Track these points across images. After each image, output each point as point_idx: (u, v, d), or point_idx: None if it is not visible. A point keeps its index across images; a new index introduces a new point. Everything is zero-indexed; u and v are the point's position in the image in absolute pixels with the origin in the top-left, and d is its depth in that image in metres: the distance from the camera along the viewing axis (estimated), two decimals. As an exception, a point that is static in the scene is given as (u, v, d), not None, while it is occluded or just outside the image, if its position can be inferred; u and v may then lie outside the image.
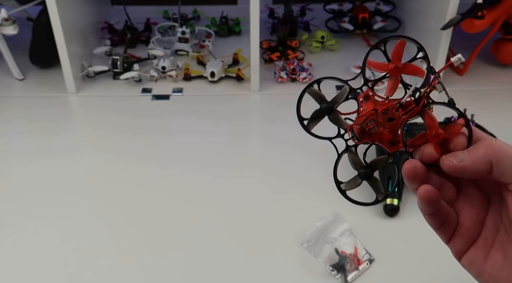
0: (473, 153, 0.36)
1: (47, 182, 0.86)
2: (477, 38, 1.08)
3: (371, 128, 0.38)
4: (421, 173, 0.37)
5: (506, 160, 0.35)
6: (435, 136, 0.37)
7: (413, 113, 0.38)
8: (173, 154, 0.92)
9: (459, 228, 0.39)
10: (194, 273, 0.70)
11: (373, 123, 0.38)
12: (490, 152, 0.35)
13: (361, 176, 0.40)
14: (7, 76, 1.12)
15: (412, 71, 0.39)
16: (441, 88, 0.38)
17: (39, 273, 0.70)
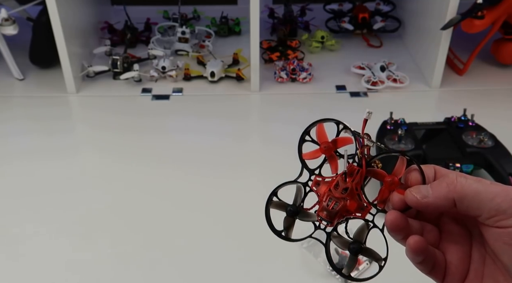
0: (435, 190, 0.36)
1: (47, 182, 0.85)
2: (477, 38, 1.08)
3: (334, 206, 0.40)
4: (403, 222, 0.38)
5: (468, 197, 0.35)
6: (391, 183, 0.39)
7: (362, 174, 0.40)
8: (173, 153, 0.92)
9: (448, 267, 0.39)
10: (193, 272, 0.70)
11: (332, 201, 0.40)
12: (452, 190, 0.35)
13: (353, 252, 0.41)
14: (7, 76, 1.12)
15: (342, 143, 0.41)
16: (372, 143, 0.40)
17: (38, 272, 0.70)
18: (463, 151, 0.81)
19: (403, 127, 0.84)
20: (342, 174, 0.40)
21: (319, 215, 0.41)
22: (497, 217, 0.34)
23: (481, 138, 0.83)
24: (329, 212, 0.40)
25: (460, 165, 0.79)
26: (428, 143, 0.87)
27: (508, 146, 0.82)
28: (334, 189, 0.40)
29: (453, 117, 0.88)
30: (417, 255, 0.38)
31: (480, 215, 0.35)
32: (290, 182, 0.42)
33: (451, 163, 0.78)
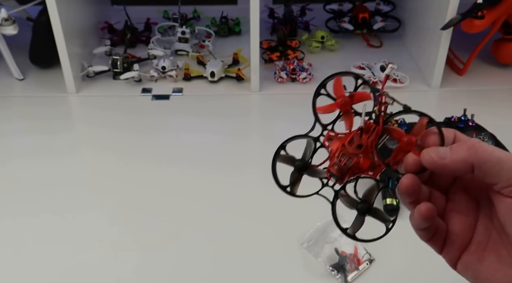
0: (454, 152, 0.35)
1: (46, 181, 0.85)
2: (477, 38, 1.08)
3: (347, 162, 0.38)
4: (417, 186, 0.37)
5: (488, 163, 0.34)
6: (408, 143, 0.38)
7: (378, 132, 0.38)
8: (173, 153, 0.92)
9: (449, 236, 0.39)
10: (193, 271, 0.70)
11: (345, 157, 0.38)
12: (473, 154, 0.34)
13: (361, 212, 0.40)
14: (7, 76, 1.12)
15: (359, 99, 0.40)
16: (391, 100, 0.39)
17: (38, 271, 0.70)
18: (463, 151, 0.81)
19: (403, 127, 0.84)
20: (358, 129, 0.39)
21: (330, 170, 0.39)
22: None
23: (481, 138, 0.83)
24: (340, 168, 0.39)
25: None
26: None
27: (508, 146, 0.82)
28: (348, 144, 0.39)
29: (453, 117, 0.88)
30: (425, 222, 0.38)
31: (497, 183, 0.34)
32: (301, 136, 0.41)
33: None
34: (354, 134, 0.39)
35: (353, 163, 0.38)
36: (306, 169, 0.40)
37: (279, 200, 0.81)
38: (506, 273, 0.36)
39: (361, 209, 0.39)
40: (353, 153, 0.38)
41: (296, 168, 0.40)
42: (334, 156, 0.39)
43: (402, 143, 0.38)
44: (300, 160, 0.40)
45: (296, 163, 0.40)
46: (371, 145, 0.38)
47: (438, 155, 0.36)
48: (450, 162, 0.35)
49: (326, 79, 0.41)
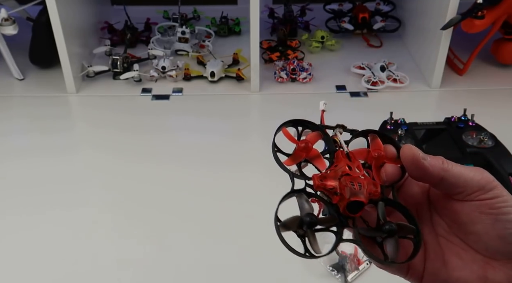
0: (432, 159, 0.39)
1: (46, 181, 0.85)
2: (477, 38, 1.08)
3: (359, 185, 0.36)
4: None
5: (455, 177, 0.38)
6: (378, 157, 0.39)
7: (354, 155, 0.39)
8: (173, 153, 0.92)
9: None
10: (193, 271, 0.70)
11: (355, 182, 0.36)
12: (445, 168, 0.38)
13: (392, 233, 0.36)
14: (7, 76, 1.12)
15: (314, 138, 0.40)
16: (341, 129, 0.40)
17: (38, 270, 0.70)
18: (463, 151, 0.81)
19: (403, 127, 0.84)
20: (345, 155, 0.38)
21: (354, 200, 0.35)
22: (478, 192, 0.38)
23: (481, 138, 0.83)
24: (360, 194, 0.35)
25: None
26: (428, 143, 0.87)
27: (508, 146, 0.82)
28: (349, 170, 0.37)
29: (453, 117, 0.88)
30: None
31: (462, 192, 0.38)
32: (288, 196, 0.37)
33: (451, 163, 0.78)
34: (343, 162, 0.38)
35: (365, 183, 0.36)
36: (317, 223, 0.35)
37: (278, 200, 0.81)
38: (473, 268, 0.38)
39: (391, 229, 0.36)
40: (359, 176, 0.37)
41: (308, 226, 0.35)
42: (344, 189, 0.36)
43: (373, 158, 0.39)
44: (306, 215, 0.35)
45: (305, 221, 0.35)
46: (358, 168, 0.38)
47: (421, 154, 0.39)
48: (428, 166, 0.38)
49: (274, 135, 0.39)
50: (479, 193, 0.38)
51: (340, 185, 0.36)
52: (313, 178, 0.37)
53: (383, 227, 0.36)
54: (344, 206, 0.36)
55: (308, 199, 0.37)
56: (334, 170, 0.37)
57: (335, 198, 0.36)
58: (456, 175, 0.38)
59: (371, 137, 0.40)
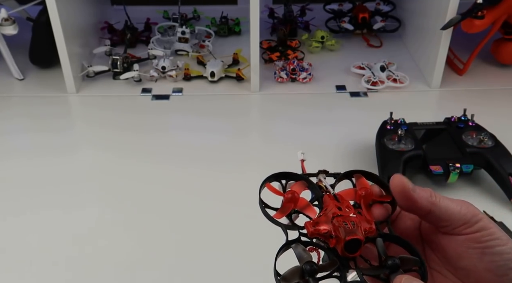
0: (420, 191, 0.38)
1: (46, 181, 0.85)
2: (477, 38, 1.08)
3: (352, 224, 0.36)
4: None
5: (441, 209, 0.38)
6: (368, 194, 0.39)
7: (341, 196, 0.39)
8: (173, 154, 0.92)
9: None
10: (192, 271, 0.70)
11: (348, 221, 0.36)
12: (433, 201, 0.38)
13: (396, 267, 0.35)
14: (7, 76, 1.12)
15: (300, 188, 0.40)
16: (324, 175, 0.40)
17: (39, 266, 0.70)
18: (463, 151, 0.81)
19: (403, 127, 0.84)
20: (332, 197, 0.38)
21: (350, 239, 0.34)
22: (463, 226, 0.38)
23: (481, 138, 0.83)
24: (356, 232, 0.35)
25: (460, 165, 0.79)
26: (428, 143, 0.87)
27: (508, 146, 0.82)
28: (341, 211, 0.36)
29: (453, 117, 0.88)
30: None
31: (448, 226, 0.38)
32: (283, 249, 0.37)
33: (451, 163, 0.78)
34: (332, 204, 0.37)
35: (358, 221, 0.36)
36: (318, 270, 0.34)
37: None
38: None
39: (394, 264, 0.35)
40: (350, 215, 0.37)
41: (310, 274, 0.34)
42: (337, 229, 0.35)
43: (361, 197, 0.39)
44: (306, 264, 0.34)
45: (307, 269, 0.34)
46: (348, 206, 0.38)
47: (410, 185, 0.38)
48: (417, 198, 0.38)
49: (260, 192, 0.40)
50: (464, 227, 0.38)
51: (333, 227, 0.35)
52: (305, 226, 0.37)
53: (386, 263, 0.35)
54: (342, 247, 0.35)
55: (305, 248, 0.36)
56: (325, 214, 0.37)
57: (331, 242, 0.36)
58: (442, 208, 0.38)
59: (356, 177, 0.41)
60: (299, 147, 0.96)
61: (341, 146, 0.90)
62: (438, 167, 0.79)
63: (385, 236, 0.38)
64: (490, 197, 0.80)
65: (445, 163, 0.79)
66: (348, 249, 0.35)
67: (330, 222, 0.36)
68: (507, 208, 0.78)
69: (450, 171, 0.78)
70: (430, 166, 0.79)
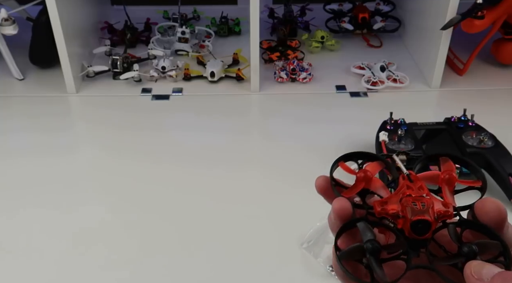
0: None
1: (46, 181, 0.85)
2: (477, 38, 1.08)
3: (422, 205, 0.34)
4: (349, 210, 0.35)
5: None
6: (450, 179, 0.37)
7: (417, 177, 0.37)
8: (173, 153, 0.92)
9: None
10: (192, 271, 0.70)
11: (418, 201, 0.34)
12: None
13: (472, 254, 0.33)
14: (7, 76, 1.12)
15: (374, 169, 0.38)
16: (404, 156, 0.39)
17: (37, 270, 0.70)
18: (463, 151, 0.81)
19: (403, 127, 0.84)
20: (404, 177, 0.36)
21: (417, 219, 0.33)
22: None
23: (481, 138, 0.83)
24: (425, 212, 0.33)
25: (460, 165, 0.78)
26: (428, 143, 0.87)
27: (508, 146, 0.82)
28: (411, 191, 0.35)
29: (453, 117, 0.88)
30: None
31: None
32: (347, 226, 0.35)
33: (451, 163, 0.78)
34: (403, 184, 0.35)
35: (428, 202, 0.34)
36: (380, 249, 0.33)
37: (278, 200, 0.82)
38: None
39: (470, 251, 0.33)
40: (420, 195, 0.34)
41: (373, 253, 0.32)
42: (405, 209, 0.33)
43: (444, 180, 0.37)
44: (369, 242, 0.33)
45: (367, 248, 0.32)
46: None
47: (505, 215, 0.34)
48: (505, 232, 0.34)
49: (331, 170, 0.38)
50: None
51: (401, 208, 0.34)
52: (373, 205, 0.35)
53: (461, 250, 0.33)
54: (408, 228, 0.33)
55: (371, 227, 0.34)
56: (396, 194, 0.35)
57: (399, 222, 0.34)
58: None
59: (442, 161, 0.38)
60: (299, 147, 0.96)
61: (341, 146, 0.90)
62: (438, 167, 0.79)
63: (466, 222, 0.35)
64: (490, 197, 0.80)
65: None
66: (415, 230, 0.33)
67: (399, 202, 0.34)
68: (507, 208, 0.78)
69: (450, 171, 0.78)
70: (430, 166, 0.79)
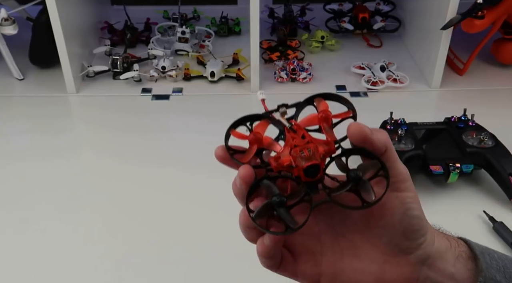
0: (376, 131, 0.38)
1: (46, 181, 0.86)
2: (477, 38, 1.08)
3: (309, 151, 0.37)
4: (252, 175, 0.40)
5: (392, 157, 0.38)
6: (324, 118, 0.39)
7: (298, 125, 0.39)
8: (173, 153, 0.92)
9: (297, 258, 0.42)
10: (192, 272, 0.70)
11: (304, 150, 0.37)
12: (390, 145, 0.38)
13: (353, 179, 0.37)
14: (7, 76, 1.12)
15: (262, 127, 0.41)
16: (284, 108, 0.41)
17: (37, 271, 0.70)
18: (463, 151, 0.81)
19: (403, 127, 0.84)
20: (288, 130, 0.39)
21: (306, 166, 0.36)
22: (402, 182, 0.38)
23: (481, 138, 0.83)
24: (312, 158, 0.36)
25: (460, 165, 0.79)
26: (428, 143, 0.87)
27: (508, 146, 0.82)
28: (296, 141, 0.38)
29: (453, 117, 0.88)
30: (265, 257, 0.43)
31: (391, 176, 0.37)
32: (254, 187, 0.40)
33: (451, 163, 0.78)
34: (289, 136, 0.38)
35: (314, 148, 0.37)
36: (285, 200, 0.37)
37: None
38: (371, 270, 0.39)
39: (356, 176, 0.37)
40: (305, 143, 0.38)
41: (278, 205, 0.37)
42: (296, 158, 0.37)
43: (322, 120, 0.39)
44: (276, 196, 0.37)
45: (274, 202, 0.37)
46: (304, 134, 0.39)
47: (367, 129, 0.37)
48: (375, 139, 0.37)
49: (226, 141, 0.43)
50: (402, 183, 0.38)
51: (293, 158, 0.37)
52: (269, 162, 0.39)
53: (349, 176, 0.37)
54: (302, 174, 0.37)
55: (273, 183, 0.38)
56: (286, 147, 0.38)
57: (295, 172, 0.37)
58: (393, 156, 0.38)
59: (317, 102, 0.41)
60: (299, 147, 0.96)
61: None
62: (438, 167, 0.79)
63: (347, 151, 0.38)
64: (490, 197, 0.80)
65: (445, 163, 0.79)
66: (309, 174, 0.37)
67: (289, 154, 0.37)
68: (507, 208, 0.78)
69: (450, 171, 0.78)
70: (430, 166, 0.79)
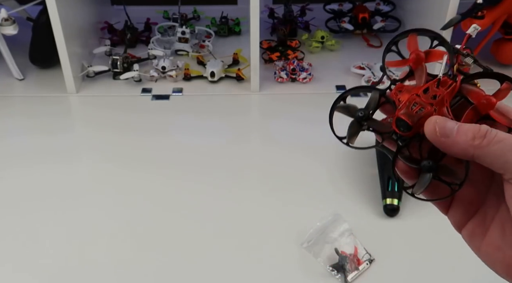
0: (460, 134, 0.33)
1: (46, 181, 0.85)
2: (477, 38, 1.08)
3: (418, 111, 0.35)
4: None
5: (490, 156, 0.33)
6: (487, 104, 0.35)
7: (455, 88, 0.36)
8: (173, 153, 0.92)
9: (455, 200, 0.38)
10: (193, 272, 0.70)
11: (417, 105, 0.35)
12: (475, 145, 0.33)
13: (427, 169, 0.35)
14: (7, 76, 1.12)
15: (434, 57, 0.37)
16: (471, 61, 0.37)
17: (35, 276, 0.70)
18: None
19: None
20: (435, 81, 0.35)
21: (398, 117, 0.35)
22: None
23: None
24: (410, 115, 0.34)
25: None
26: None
27: (508, 146, 0.82)
28: (422, 94, 0.35)
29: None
30: None
31: (504, 174, 0.33)
32: (365, 88, 0.39)
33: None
34: (430, 84, 0.35)
35: (426, 112, 0.34)
36: (367, 120, 0.37)
37: (279, 200, 0.82)
38: (507, 254, 0.35)
39: (426, 166, 0.35)
40: (426, 103, 0.35)
41: (357, 118, 0.37)
42: (405, 104, 0.35)
43: (480, 104, 0.35)
44: (362, 110, 0.37)
45: (357, 114, 0.37)
46: (446, 98, 0.35)
47: (442, 129, 0.33)
48: (451, 144, 0.33)
49: (398, 35, 0.39)
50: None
51: (405, 101, 0.35)
52: (396, 86, 0.37)
53: (422, 162, 0.35)
54: (394, 121, 0.36)
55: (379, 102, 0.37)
56: (417, 88, 0.36)
57: (397, 111, 0.36)
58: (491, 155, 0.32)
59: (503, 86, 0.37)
60: (299, 146, 0.96)
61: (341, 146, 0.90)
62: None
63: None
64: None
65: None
66: (397, 125, 0.35)
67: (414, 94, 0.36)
68: (507, 208, 0.78)
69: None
70: None
